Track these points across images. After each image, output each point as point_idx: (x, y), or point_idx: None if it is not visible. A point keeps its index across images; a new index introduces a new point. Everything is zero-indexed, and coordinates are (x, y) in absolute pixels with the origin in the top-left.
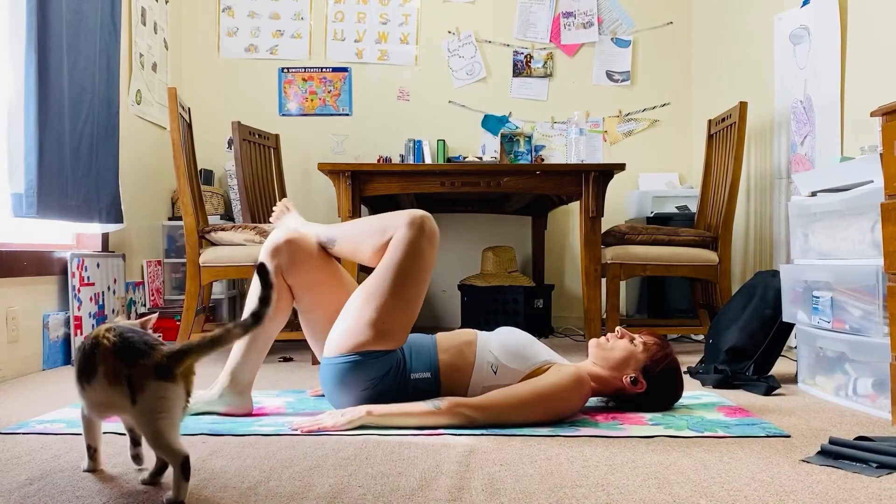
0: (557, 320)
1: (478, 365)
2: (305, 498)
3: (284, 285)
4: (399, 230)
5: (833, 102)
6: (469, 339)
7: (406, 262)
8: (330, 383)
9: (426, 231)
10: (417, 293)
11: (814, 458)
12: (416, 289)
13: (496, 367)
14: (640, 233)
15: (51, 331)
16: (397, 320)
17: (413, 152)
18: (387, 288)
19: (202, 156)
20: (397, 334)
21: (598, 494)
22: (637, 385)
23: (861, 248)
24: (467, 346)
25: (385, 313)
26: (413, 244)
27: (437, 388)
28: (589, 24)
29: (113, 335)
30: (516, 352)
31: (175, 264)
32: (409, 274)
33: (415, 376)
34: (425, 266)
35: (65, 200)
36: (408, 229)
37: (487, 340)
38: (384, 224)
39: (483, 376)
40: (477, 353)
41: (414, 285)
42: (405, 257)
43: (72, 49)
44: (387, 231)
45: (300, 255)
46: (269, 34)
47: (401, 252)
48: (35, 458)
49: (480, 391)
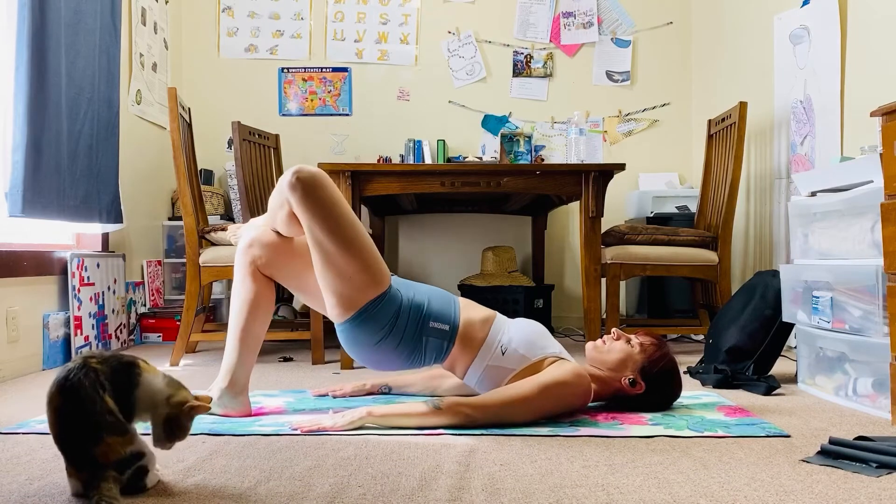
0: (557, 320)
1: (489, 341)
2: (305, 498)
3: (263, 279)
4: (291, 201)
5: (833, 102)
6: (488, 315)
7: (317, 218)
8: (349, 346)
9: (306, 181)
10: (354, 229)
11: (814, 458)
12: (349, 228)
13: (505, 349)
14: (639, 233)
15: (51, 331)
16: (361, 265)
17: (413, 152)
18: (328, 249)
19: (202, 156)
20: (374, 275)
21: (598, 494)
22: (636, 386)
23: (861, 248)
24: (485, 320)
25: (348, 270)
26: (308, 200)
27: (450, 345)
28: (589, 25)
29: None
30: (528, 339)
31: (175, 264)
32: (330, 223)
33: (433, 324)
34: (334, 204)
35: (63, 200)
36: (294, 194)
37: (505, 322)
38: (278, 199)
39: (490, 354)
40: (491, 330)
41: (344, 227)
42: (314, 215)
43: (70, 49)
44: (283, 205)
45: (268, 243)
46: (269, 34)
47: (307, 214)
48: (35, 458)
49: (482, 370)
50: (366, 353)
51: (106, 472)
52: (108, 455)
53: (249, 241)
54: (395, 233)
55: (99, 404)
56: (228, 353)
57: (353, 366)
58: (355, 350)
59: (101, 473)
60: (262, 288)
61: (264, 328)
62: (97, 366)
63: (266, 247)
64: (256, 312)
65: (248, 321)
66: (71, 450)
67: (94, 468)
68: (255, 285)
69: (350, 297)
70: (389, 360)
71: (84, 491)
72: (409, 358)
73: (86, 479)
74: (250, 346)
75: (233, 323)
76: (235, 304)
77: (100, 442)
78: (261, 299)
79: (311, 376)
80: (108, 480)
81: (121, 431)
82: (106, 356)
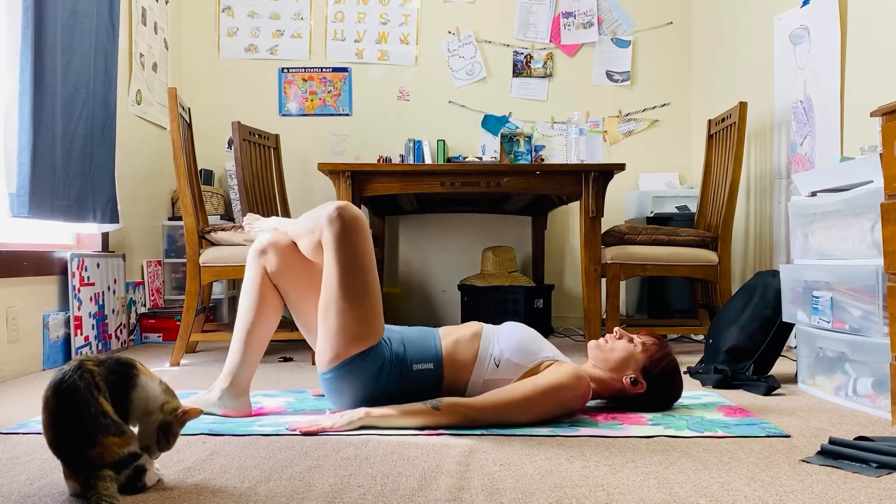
0: (557, 320)
1: (480, 357)
2: (305, 498)
3: (271, 285)
4: (324, 232)
5: (833, 102)
6: (475, 331)
7: (341, 260)
8: (330, 394)
9: (347, 222)
10: (367, 283)
11: (814, 458)
12: (363, 280)
13: (499, 361)
14: (639, 233)
15: (51, 331)
16: (360, 317)
17: (413, 152)
18: (336, 292)
19: (202, 156)
20: (369, 329)
21: (598, 494)
22: (637, 385)
23: (861, 248)
24: (472, 337)
25: (345, 317)
26: (340, 240)
27: (440, 379)
28: (589, 25)
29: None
30: (520, 346)
31: (175, 264)
32: (349, 270)
33: (417, 367)
34: (361, 254)
35: (57, 200)
36: (329, 228)
37: (493, 333)
38: (312, 224)
39: (485, 369)
40: (481, 345)
41: (360, 277)
42: (339, 256)
43: (66, 48)
44: (314, 231)
45: (284, 253)
46: (269, 34)
47: (332, 252)
48: (35, 458)
49: (481, 385)
50: (354, 401)
51: (102, 472)
52: (104, 456)
53: (265, 246)
54: (395, 233)
55: (94, 406)
56: (232, 354)
57: None
58: (339, 400)
59: (98, 474)
60: (272, 294)
61: (270, 332)
62: (93, 368)
63: (282, 255)
64: (263, 316)
65: (254, 324)
66: (66, 452)
67: (90, 469)
68: (264, 290)
69: (340, 344)
70: (382, 403)
71: (82, 491)
72: (403, 400)
73: (83, 481)
74: (254, 350)
75: (239, 325)
76: (243, 307)
77: (95, 444)
78: (269, 304)
79: (311, 376)
80: (105, 480)
81: (117, 432)
82: (102, 358)
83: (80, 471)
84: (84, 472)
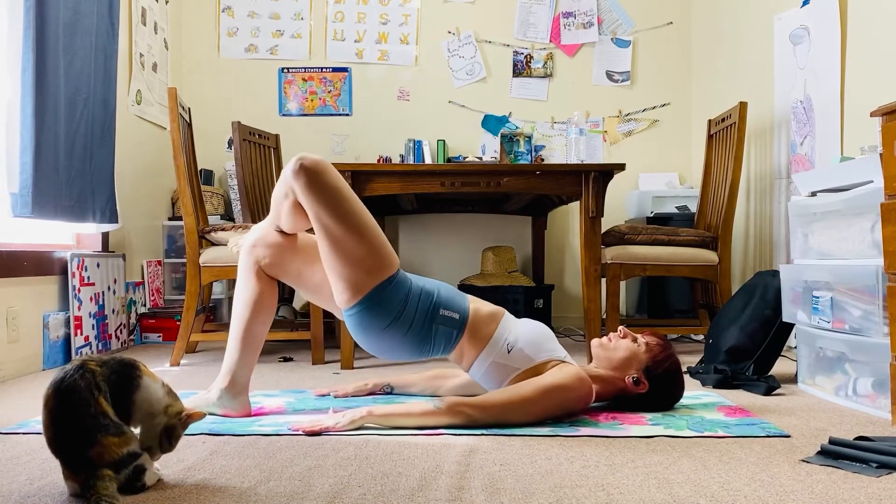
0: (557, 320)
1: (496, 337)
2: (305, 498)
3: (266, 279)
4: (295, 189)
5: (833, 102)
6: (496, 311)
7: (322, 204)
8: (357, 332)
9: (310, 168)
10: (358, 215)
11: (814, 458)
12: (353, 213)
13: (511, 347)
14: (640, 233)
15: (51, 331)
16: (367, 249)
17: (413, 152)
18: (334, 235)
19: (202, 156)
20: (381, 259)
21: (598, 494)
22: (639, 385)
23: (861, 248)
24: (493, 316)
25: (353, 254)
26: (311, 187)
27: (458, 336)
28: (589, 25)
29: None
30: (536, 341)
31: (175, 264)
32: (336, 209)
33: (443, 312)
34: (339, 190)
35: (59, 200)
36: (298, 181)
37: (512, 322)
38: (282, 189)
39: (496, 350)
40: (499, 327)
41: (349, 212)
42: (317, 202)
43: (68, 49)
44: (287, 195)
45: (272, 243)
46: (269, 34)
47: (312, 202)
48: (35, 458)
49: (487, 366)
50: (374, 340)
51: (102, 472)
52: (103, 456)
53: (253, 242)
54: (395, 233)
55: (93, 406)
56: (229, 353)
57: (353, 366)
58: (363, 336)
59: (98, 473)
60: (265, 288)
61: (266, 328)
62: (95, 368)
63: (270, 246)
64: (258, 313)
65: (250, 321)
66: (66, 452)
67: (90, 469)
68: (258, 285)
69: (358, 280)
70: (398, 348)
71: (81, 491)
72: (419, 346)
73: (83, 481)
74: (252, 347)
75: (234, 323)
76: (238, 305)
77: (94, 443)
78: (263, 299)
79: (311, 376)
80: (104, 479)
81: (116, 433)
82: (105, 359)
83: (80, 471)
84: (83, 471)
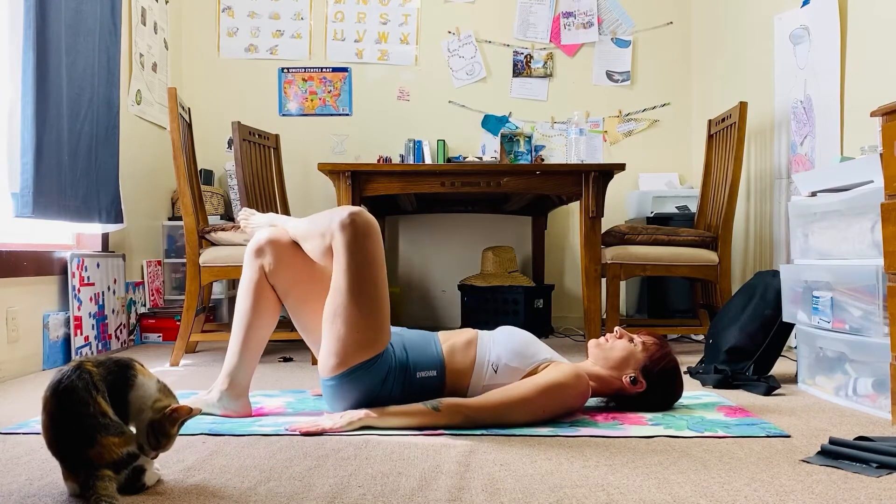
0: (557, 320)
1: (478, 363)
2: (305, 498)
3: (269, 285)
4: (335, 237)
5: (833, 102)
6: (470, 338)
7: (353, 266)
8: (330, 400)
9: (359, 228)
10: (377, 289)
11: (814, 458)
12: (374, 287)
13: (497, 366)
14: (640, 233)
15: (51, 331)
16: (369, 324)
17: (413, 152)
18: (345, 298)
19: (202, 156)
20: (376, 337)
21: (598, 494)
22: (637, 385)
23: (861, 248)
24: (468, 344)
25: (354, 324)
26: (352, 246)
27: (442, 386)
28: (589, 25)
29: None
30: (517, 350)
31: (175, 264)
32: (361, 276)
33: (420, 375)
34: (372, 261)
35: (63, 200)
36: (342, 233)
37: (488, 339)
38: (323, 227)
39: (484, 375)
40: (478, 351)
41: (371, 285)
42: (350, 262)
43: (70, 49)
44: (325, 235)
45: (283, 253)
46: (269, 34)
47: (344, 258)
48: (35, 458)
49: (481, 390)
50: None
51: (101, 472)
52: (102, 456)
53: (262, 244)
54: (395, 233)
55: (92, 406)
56: (230, 355)
57: None
58: (339, 406)
59: (97, 474)
60: (270, 294)
61: (268, 333)
62: (92, 368)
63: (280, 253)
64: (262, 318)
65: (252, 326)
66: (65, 452)
67: (89, 469)
68: (264, 291)
69: (347, 350)
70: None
71: (81, 492)
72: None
73: (82, 481)
74: (253, 351)
75: (236, 327)
76: (241, 308)
77: (94, 444)
78: (268, 305)
79: (311, 376)
80: (104, 479)
81: (116, 432)
82: (101, 359)
83: (80, 471)
84: (83, 472)
